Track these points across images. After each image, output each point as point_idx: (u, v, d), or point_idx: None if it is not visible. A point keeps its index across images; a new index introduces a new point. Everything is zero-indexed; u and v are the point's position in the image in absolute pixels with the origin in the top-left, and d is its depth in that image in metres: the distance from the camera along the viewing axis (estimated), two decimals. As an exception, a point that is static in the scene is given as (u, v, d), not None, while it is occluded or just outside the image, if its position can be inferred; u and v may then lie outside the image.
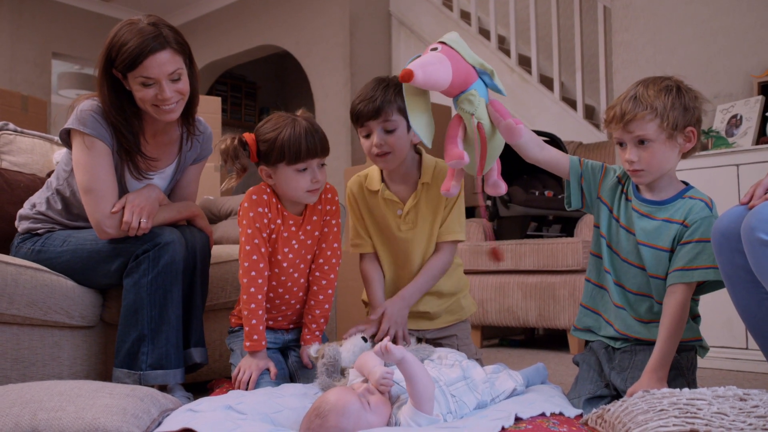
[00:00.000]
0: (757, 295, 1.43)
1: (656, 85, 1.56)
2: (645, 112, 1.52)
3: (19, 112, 3.79)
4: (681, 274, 1.53)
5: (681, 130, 1.54)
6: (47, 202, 1.98)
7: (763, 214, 1.31)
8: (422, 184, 1.89)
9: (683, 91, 1.56)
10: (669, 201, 1.61)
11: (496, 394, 1.54)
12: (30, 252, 1.94)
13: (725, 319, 2.45)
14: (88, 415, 1.26)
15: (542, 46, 4.50)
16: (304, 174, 1.76)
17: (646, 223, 1.62)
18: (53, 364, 1.88)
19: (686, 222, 1.56)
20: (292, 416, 1.45)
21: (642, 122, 1.53)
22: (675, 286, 1.54)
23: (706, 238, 1.51)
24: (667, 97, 1.53)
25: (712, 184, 2.68)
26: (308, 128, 1.75)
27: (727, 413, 1.10)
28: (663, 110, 1.52)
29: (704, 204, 1.58)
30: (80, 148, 1.82)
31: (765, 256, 1.31)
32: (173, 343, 1.81)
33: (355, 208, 2.00)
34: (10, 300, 1.76)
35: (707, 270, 1.51)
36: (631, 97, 1.55)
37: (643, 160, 1.55)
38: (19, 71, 5.63)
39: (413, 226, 1.91)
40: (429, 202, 1.90)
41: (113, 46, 1.77)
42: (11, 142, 2.35)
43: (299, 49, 5.35)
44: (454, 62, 1.44)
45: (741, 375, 2.41)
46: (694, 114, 1.55)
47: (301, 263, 1.89)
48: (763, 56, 2.87)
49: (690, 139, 1.57)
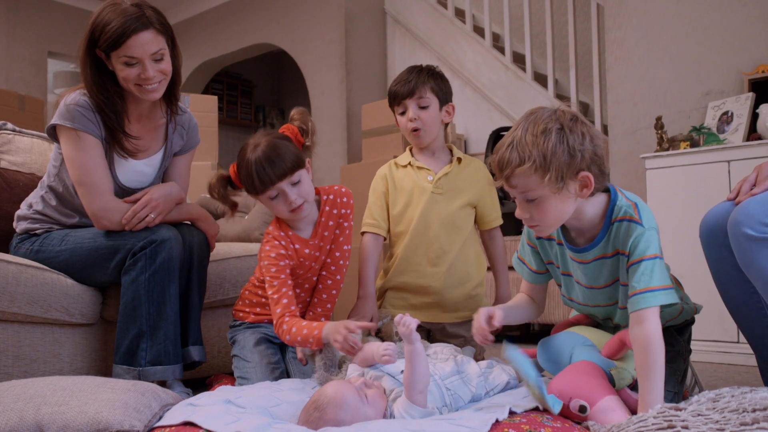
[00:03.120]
0: (744, 289, 1.46)
1: (536, 126, 1.31)
2: (523, 167, 1.29)
3: (16, 111, 3.81)
4: (642, 298, 1.33)
5: (571, 179, 1.31)
6: (42, 200, 2.00)
7: (749, 210, 1.34)
8: (456, 159, 2.05)
9: (566, 131, 1.30)
10: (599, 240, 1.43)
11: (490, 388, 1.57)
12: (29, 252, 1.96)
13: (716, 313, 2.48)
14: (91, 409, 1.28)
15: (536, 44, 4.52)
16: (277, 200, 1.72)
17: (584, 268, 1.48)
18: (54, 361, 1.90)
19: (621, 250, 1.40)
20: (291, 410, 1.47)
21: (522, 177, 1.31)
22: (639, 313, 1.33)
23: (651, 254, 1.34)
24: (546, 143, 1.29)
25: (703, 180, 2.71)
26: (259, 158, 1.67)
27: (702, 412, 1.15)
28: (542, 161, 1.28)
29: (628, 222, 1.38)
30: (69, 143, 1.84)
31: (751, 251, 1.34)
32: (171, 339, 1.83)
33: (379, 189, 2.08)
34: (12, 298, 1.78)
35: (667, 291, 1.33)
36: (509, 144, 1.33)
37: (535, 215, 1.35)
38: (15, 70, 5.63)
39: (443, 192, 2.01)
40: (460, 179, 2.03)
41: (96, 26, 1.79)
42: (10, 141, 2.36)
43: (295, 47, 5.36)
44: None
45: (733, 368, 2.44)
46: (584, 157, 1.31)
47: (316, 265, 1.89)
48: (754, 54, 2.91)
49: (587, 185, 1.33)
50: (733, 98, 2.87)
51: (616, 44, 3.34)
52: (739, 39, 2.95)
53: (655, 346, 1.30)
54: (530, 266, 1.61)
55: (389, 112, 4.10)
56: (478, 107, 4.53)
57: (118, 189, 1.93)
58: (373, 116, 3.97)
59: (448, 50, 4.68)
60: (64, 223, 1.99)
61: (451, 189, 2.02)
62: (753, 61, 2.91)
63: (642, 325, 1.32)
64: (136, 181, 1.98)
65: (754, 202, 1.36)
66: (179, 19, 6.44)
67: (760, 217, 1.32)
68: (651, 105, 3.19)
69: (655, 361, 1.29)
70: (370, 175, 3.13)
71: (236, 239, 2.86)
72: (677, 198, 2.76)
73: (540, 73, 4.50)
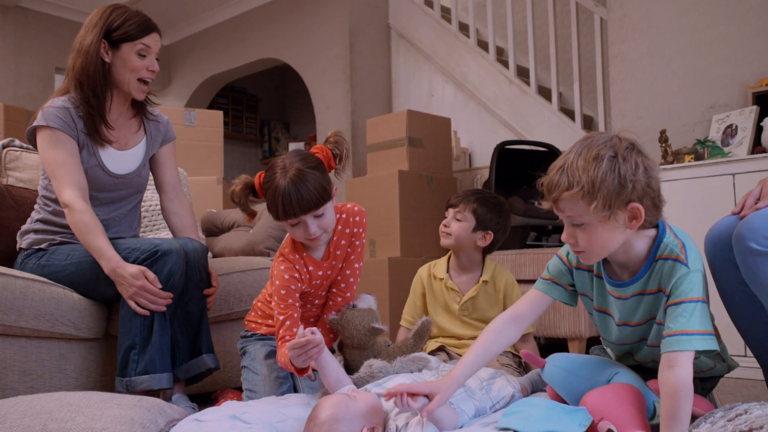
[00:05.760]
0: (750, 302, 1.46)
1: (589, 151, 1.28)
2: (571, 191, 1.26)
3: (24, 127, 3.83)
4: (676, 340, 1.26)
5: (620, 208, 1.26)
6: (43, 210, 2.05)
7: (753, 224, 1.34)
8: (483, 282, 2.18)
9: (619, 159, 1.26)
10: (640, 275, 1.38)
11: (495, 401, 1.56)
12: (35, 267, 1.98)
13: (724, 326, 2.46)
14: (98, 425, 1.28)
15: (540, 58, 4.54)
16: (297, 227, 1.70)
17: (621, 304, 1.43)
18: (60, 376, 1.90)
19: (663, 289, 1.35)
20: (297, 426, 1.47)
21: (569, 202, 1.28)
22: (671, 354, 1.25)
23: (694, 297, 1.28)
24: (596, 169, 1.25)
25: (708, 193, 2.71)
26: (287, 188, 1.63)
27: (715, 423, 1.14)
28: (590, 188, 1.25)
29: (673, 261, 1.33)
30: (44, 142, 1.95)
31: (756, 265, 1.34)
32: (158, 348, 1.84)
33: (418, 290, 2.29)
34: (19, 313, 1.79)
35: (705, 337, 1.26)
36: (560, 168, 1.30)
37: (582, 242, 1.32)
38: (23, 86, 5.68)
39: (468, 313, 2.19)
40: (487, 297, 2.19)
41: (116, 16, 1.99)
42: (17, 158, 2.38)
43: (299, 62, 5.40)
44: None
45: (740, 382, 2.43)
46: (635, 188, 1.26)
47: (326, 283, 1.88)
48: (758, 67, 2.91)
49: (637, 216, 1.28)
50: (738, 111, 2.87)
51: (619, 58, 3.36)
52: (742, 52, 2.96)
53: (684, 394, 1.22)
54: (566, 286, 1.53)
55: (394, 126, 4.11)
56: (482, 121, 4.55)
57: (107, 176, 2.04)
58: (377, 130, 3.98)
59: (452, 64, 4.70)
60: (64, 226, 2.01)
61: (476, 310, 2.19)
62: (757, 74, 2.91)
63: (673, 369, 1.23)
64: (124, 168, 2.09)
65: (759, 216, 1.36)
66: (185, 34, 6.49)
67: (764, 231, 1.33)
68: (655, 118, 3.20)
69: (682, 410, 1.21)
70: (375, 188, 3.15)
71: (241, 252, 2.86)
72: (682, 211, 2.75)
73: (544, 87, 4.51)
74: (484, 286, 2.19)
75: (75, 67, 2.02)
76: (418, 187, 3.73)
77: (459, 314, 2.19)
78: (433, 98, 4.86)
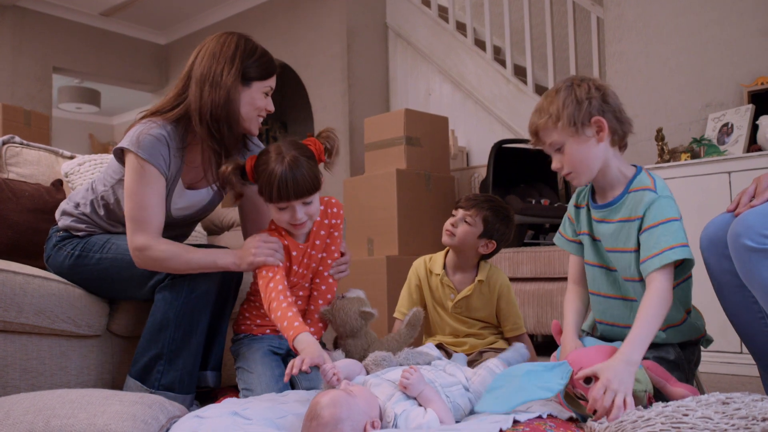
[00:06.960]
0: (745, 299, 1.47)
1: (552, 91, 1.57)
2: (544, 120, 1.54)
3: (22, 126, 3.84)
4: (650, 261, 1.46)
5: (585, 123, 1.51)
6: (91, 205, 1.97)
7: (748, 222, 1.36)
8: (479, 281, 2.19)
9: (574, 86, 1.53)
10: (617, 200, 1.58)
11: None
12: (69, 256, 1.94)
13: (720, 323, 2.48)
14: (100, 421, 1.30)
15: (537, 57, 4.56)
16: (285, 211, 1.77)
17: (605, 228, 1.60)
18: (61, 374, 1.91)
19: (639, 215, 1.53)
20: (297, 422, 1.48)
21: (546, 131, 1.55)
22: (650, 275, 1.46)
23: (662, 219, 1.48)
24: (557, 98, 1.53)
25: (704, 191, 2.73)
26: (284, 173, 1.69)
27: (711, 417, 1.15)
28: (557, 113, 1.52)
29: (645, 190, 1.54)
30: (132, 173, 1.80)
31: (751, 262, 1.35)
32: (189, 369, 1.81)
33: (413, 282, 2.29)
34: (19, 309, 1.80)
35: (675, 249, 1.44)
36: (534, 111, 1.59)
37: (566, 163, 1.55)
38: (21, 86, 5.68)
39: (461, 311, 2.21)
40: (481, 297, 2.20)
41: (249, 51, 1.92)
42: (18, 154, 2.39)
43: (297, 62, 5.40)
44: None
45: (736, 379, 2.45)
46: (591, 103, 1.51)
47: (307, 272, 1.93)
48: (753, 66, 2.93)
49: (601, 128, 1.52)
50: (733, 110, 2.89)
51: (616, 57, 3.37)
52: (738, 51, 2.98)
53: (661, 299, 1.43)
54: (565, 235, 1.76)
55: (391, 125, 4.12)
56: (479, 120, 4.56)
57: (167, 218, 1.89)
58: (375, 129, 4.00)
59: (449, 63, 4.71)
60: (107, 229, 1.98)
61: (468, 309, 2.21)
62: (752, 73, 2.93)
63: (652, 284, 1.45)
64: (185, 209, 1.97)
65: (754, 213, 1.37)
66: (182, 34, 6.50)
67: (759, 228, 1.34)
68: (651, 117, 3.22)
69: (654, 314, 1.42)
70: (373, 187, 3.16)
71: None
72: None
73: (541, 86, 4.53)
74: (479, 286, 2.20)
75: (202, 98, 1.83)
76: (415, 186, 3.74)
77: (452, 311, 2.21)
78: (430, 97, 4.88)
